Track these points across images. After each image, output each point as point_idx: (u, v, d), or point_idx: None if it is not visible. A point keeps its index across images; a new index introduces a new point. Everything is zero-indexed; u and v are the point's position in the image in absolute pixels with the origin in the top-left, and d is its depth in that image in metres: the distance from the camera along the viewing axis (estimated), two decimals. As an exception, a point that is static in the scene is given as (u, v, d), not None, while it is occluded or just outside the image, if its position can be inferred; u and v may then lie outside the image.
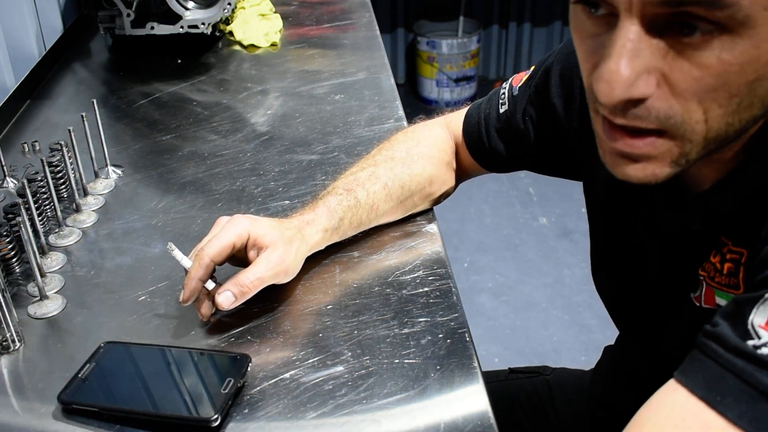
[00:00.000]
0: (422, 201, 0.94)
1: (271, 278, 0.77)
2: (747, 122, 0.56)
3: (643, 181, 0.58)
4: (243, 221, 0.78)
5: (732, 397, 0.50)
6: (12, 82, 1.29)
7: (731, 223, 0.63)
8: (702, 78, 0.52)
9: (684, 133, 0.55)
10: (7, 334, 0.76)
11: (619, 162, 0.58)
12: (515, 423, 1.05)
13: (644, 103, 0.54)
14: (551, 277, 2.46)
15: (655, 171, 0.57)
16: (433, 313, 0.78)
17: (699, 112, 0.54)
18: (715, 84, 0.52)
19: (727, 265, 0.62)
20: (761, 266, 0.54)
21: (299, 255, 0.80)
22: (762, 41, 0.50)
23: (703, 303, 0.66)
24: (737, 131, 0.56)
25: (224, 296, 0.75)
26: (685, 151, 0.56)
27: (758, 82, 0.53)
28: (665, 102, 0.54)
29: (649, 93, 0.53)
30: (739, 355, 0.51)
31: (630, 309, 0.82)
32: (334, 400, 0.68)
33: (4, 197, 1.00)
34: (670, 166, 0.57)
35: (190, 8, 1.46)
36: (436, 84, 3.50)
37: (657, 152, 0.56)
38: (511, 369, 1.12)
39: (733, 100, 0.53)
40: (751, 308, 0.51)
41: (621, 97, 0.53)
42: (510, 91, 0.91)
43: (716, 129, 0.55)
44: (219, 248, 0.76)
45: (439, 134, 0.97)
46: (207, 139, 1.19)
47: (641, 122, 0.55)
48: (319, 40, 1.58)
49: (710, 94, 0.53)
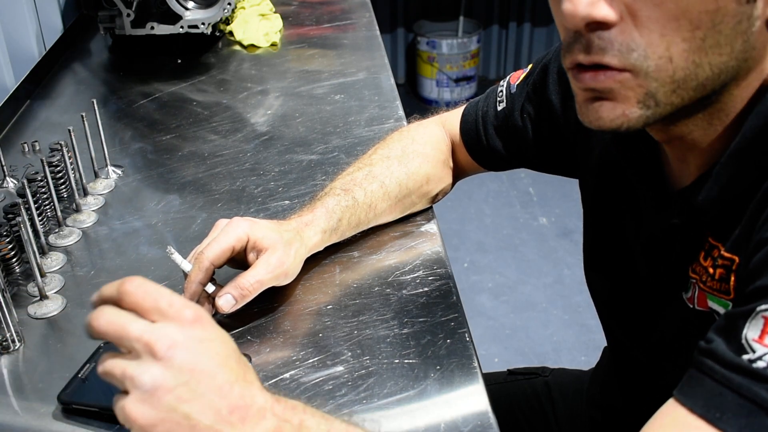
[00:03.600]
0: (420, 199, 0.94)
1: (271, 281, 0.77)
2: (719, 70, 0.56)
3: (615, 123, 0.59)
4: (242, 224, 0.78)
5: (731, 413, 0.50)
6: (12, 82, 1.29)
7: (717, 222, 0.63)
8: (662, 3, 0.53)
9: (648, 70, 0.56)
10: (7, 334, 0.76)
11: (590, 105, 0.59)
12: (515, 425, 1.05)
13: (606, 33, 0.56)
14: (551, 277, 2.46)
15: (625, 111, 0.58)
16: (433, 313, 0.78)
17: (662, 46, 0.55)
18: (675, 10, 0.53)
19: (719, 271, 0.62)
20: (752, 277, 0.55)
21: (298, 257, 0.80)
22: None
23: (696, 305, 0.66)
24: (708, 78, 0.56)
25: (224, 299, 0.75)
26: (651, 90, 0.57)
27: (720, 17, 0.53)
28: (627, 35, 0.55)
29: (610, 17, 0.55)
30: (735, 371, 0.51)
31: (622, 309, 0.82)
32: (334, 400, 0.68)
33: (4, 197, 1.00)
34: (638, 107, 0.57)
35: (190, 8, 1.46)
36: (436, 84, 3.50)
37: (622, 88, 0.57)
38: (510, 371, 1.12)
39: (697, 33, 0.54)
40: (744, 323, 0.52)
41: (583, 14, 0.54)
42: (508, 89, 0.91)
43: (684, 68, 0.56)
44: (219, 251, 0.76)
45: (435, 133, 0.97)
46: (207, 139, 1.19)
47: (604, 56, 0.56)
48: (319, 40, 1.58)
49: (672, 24, 0.54)
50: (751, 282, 0.54)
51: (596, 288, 0.87)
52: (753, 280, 0.54)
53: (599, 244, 0.83)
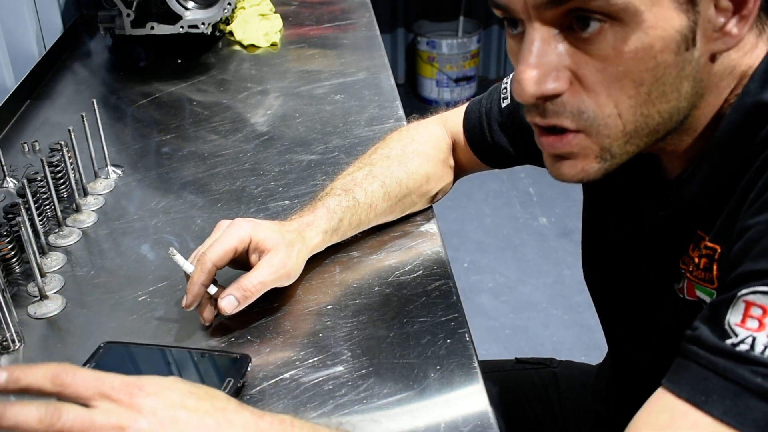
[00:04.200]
0: (419, 199, 0.94)
1: (274, 282, 0.77)
2: (669, 114, 0.60)
3: (576, 178, 0.63)
4: (244, 225, 0.78)
5: (716, 395, 0.51)
6: (12, 82, 1.29)
7: (704, 215, 0.65)
8: (604, 69, 0.57)
9: (599, 128, 0.60)
10: (7, 334, 0.76)
11: (554, 163, 0.64)
12: (521, 413, 1.06)
13: (559, 99, 0.59)
14: (551, 277, 2.46)
15: (585, 167, 0.63)
16: (433, 313, 0.78)
17: (610, 105, 0.58)
18: (617, 73, 0.57)
19: (703, 261, 0.64)
20: (732, 265, 0.56)
21: (300, 258, 0.80)
22: (649, 28, 0.55)
23: (686, 295, 0.68)
24: (660, 124, 0.60)
25: (227, 301, 0.75)
26: (605, 146, 0.61)
27: (661, 70, 0.57)
28: (577, 97, 0.59)
29: (559, 89, 0.59)
30: (719, 354, 0.52)
31: (619, 305, 0.83)
32: (334, 400, 0.68)
33: (4, 197, 1.00)
34: (597, 162, 0.62)
35: (190, 8, 1.46)
36: (436, 84, 3.50)
37: (578, 149, 0.61)
38: (518, 359, 1.13)
39: (641, 90, 0.57)
40: (726, 309, 0.53)
41: (531, 92, 0.58)
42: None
43: (633, 121, 0.59)
44: (221, 253, 0.76)
45: (435, 132, 0.97)
46: (207, 139, 1.19)
47: (558, 119, 0.60)
48: (319, 40, 1.58)
49: (616, 84, 0.57)
50: (732, 270, 0.56)
51: (594, 284, 0.88)
52: (734, 268, 0.55)
53: (597, 240, 0.85)
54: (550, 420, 1.05)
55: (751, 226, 0.55)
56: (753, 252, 0.54)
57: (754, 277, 0.53)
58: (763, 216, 0.55)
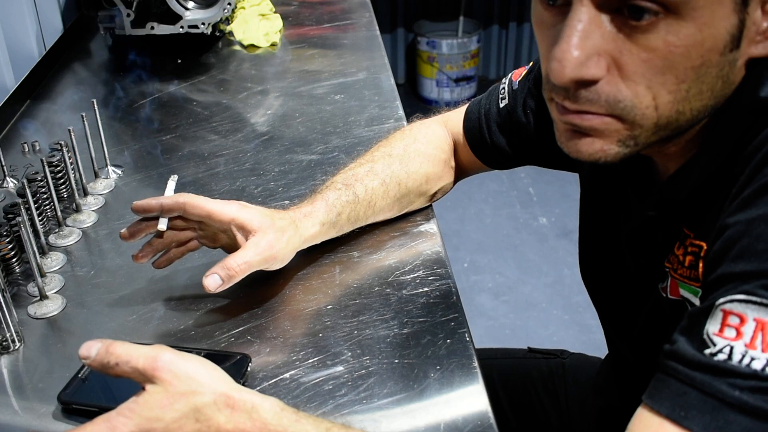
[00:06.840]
0: (418, 198, 0.94)
1: (259, 263, 0.77)
2: (698, 112, 0.58)
3: (593, 157, 0.61)
4: (233, 204, 0.79)
5: (696, 411, 0.51)
6: (12, 82, 1.29)
7: (688, 212, 0.65)
8: (649, 60, 0.55)
9: (634, 118, 0.58)
10: (7, 334, 0.76)
11: (571, 137, 0.61)
12: (527, 401, 1.07)
13: (594, 86, 0.57)
14: (551, 277, 2.46)
15: (603, 147, 0.60)
16: (433, 313, 0.78)
17: (648, 97, 0.56)
18: (662, 66, 0.55)
19: (689, 258, 0.64)
20: (712, 264, 0.56)
21: (290, 245, 0.80)
22: (704, 25, 0.53)
23: (669, 294, 0.68)
24: (688, 121, 0.59)
25: (211, 279, 0.75)
26: (634, 134, 0.59)
27: (705, 69, 0.55)
28: (614, 86, 0.57)
29: (599, 75, 0.56)
30: (697, 368, 0.52)
31: (611, 305, 0.84)
32: (334, 400, 0.68)
33: (4, 197, 1.00)
34: (618, 145, 0.60)
35: (190, 8, 1.46)
36: (436, 84, 3.50)
37: (605, 128, 0.59)
38: (531, 348, 1.14)
39: (682, 86, 0.56)
40: (705, 319, 0.53)
41: (571, 75, 0.56)
42: (510, 86, 0.92)
43: (667, 116, 0.58)
44: (197, 201, 0.78)
45: (437, 132, 0.97)
46: (207, 139, 1.19)
47: (591, 106, 0.58)
48: (319, 40, 1.58)
49: (658, 78, 0.55)
50: (712, 270, 0.56)
51: (590, 282, 0.88)
52: (714, 269, 0.55)
53: (592, 238, 0.85)
54: (555, 410, 1.06)
55: (730, 225, 0.55)
56: (732, 252, 0.54)
57: (732, 280, 0.53)
58: (742, 214, 0.54)
